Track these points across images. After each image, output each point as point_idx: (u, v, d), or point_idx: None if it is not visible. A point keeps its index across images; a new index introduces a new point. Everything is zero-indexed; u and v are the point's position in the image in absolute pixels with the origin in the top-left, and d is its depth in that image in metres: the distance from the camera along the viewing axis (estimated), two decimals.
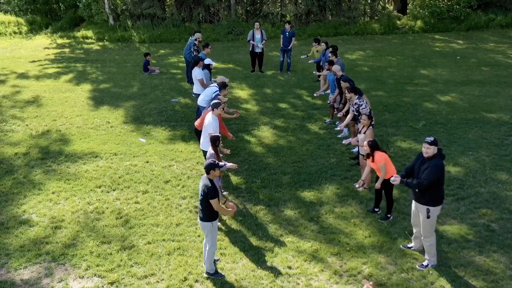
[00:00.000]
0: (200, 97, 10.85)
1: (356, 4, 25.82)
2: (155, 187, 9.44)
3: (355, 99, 9.95)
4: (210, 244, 6.85)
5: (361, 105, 9.85)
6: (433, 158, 6.77)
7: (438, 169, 6.70)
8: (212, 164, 6.69)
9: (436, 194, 6.85)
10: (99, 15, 25.83)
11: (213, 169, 6.67)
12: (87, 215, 8.52)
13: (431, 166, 6.69)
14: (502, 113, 12.94)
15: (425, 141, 6.77)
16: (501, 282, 6.77)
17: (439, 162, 6.75)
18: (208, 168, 6.67)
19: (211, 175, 6.68)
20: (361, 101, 9.89)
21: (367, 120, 8.88)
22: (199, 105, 10.87)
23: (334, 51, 13.18)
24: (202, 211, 6.73)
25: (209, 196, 6.55)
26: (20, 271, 7.12)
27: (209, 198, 6.56)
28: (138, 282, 6.87)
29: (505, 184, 9.34)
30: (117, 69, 18.40)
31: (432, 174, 6.67)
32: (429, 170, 6.68)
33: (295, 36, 17.56)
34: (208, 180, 6.65)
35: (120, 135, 11.94)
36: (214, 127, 8.78)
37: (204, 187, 6.61)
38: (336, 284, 6.80)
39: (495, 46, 20.91)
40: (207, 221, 6.73)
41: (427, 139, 6.77)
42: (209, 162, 6.72)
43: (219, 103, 9.11)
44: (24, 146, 11.27)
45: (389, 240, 7.75)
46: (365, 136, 8.77)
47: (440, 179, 6.79)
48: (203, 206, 6.69)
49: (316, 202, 8.89)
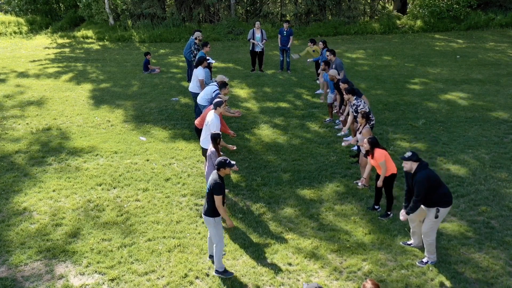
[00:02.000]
0: (200, 95, 10.86)
1: (356, 3, 25.86)
2: (156, 185, 9.46)
3: (353, 100, 9.98)
4: (216, 241, 6.83)
5: (359, 105, 9.88)
6: (416, 172, 6.81)
7: (423, 182, 6.72)
8: (223, 162, 6.68)
9: (442, 196, 6.83)
10: (99, 15, 25.86)
11: (224, 167, 6.68)
12: (87, 212, 8.54)
13: (417, 182, 6.76)
14: (501, 112, 12.97)
15: (401, 157, 6.91)
16: (500, 278, 6.79)
17: (422, 175, 6.75)
18: (218, 165, 6.69)
19: (221, 172, 6.70)
20: (358, 102, 9.92)
21: (362, 119, 8.91)
22: (198, 104, 10.89)
23: (332, 50, 13.19)
24: (207, 204, 6.75)
25: (215, 191, 6.57)
26: (21, 267, 7.14)
27: (214, 194, 6.58)
28: (138, 279, 6.89)
29: (504, 181, 9.36)
30: (117, 69, 18.43)
31: (419, 190, 6.74)
32: (416, 187, 6.76)
33: (293, 35, 17.59)
34: (218, 176, 6.67)
35: (120, 133, 11.96)
36: (216, 125, 8.80)
37: (212, 181, 6.63)
38: (336, 281, 6.82)
39: (495, 45, 20.94)
40: (210, 216, 6.75)
41: (404, 155, 6.88)
42: (220, 160, 6.70)
43: (221, 102, 9.14)
44: (25, 144, 11.30)
45: (389, 237, 7.77)
46: (362, 135, 8.80)
47: (433, 185, 6.77)
48: (209, 200, 6.71)
49: (316, 200, 8.91)
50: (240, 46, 22.32)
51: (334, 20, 24.97)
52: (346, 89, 10.11)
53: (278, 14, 26.77)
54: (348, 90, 10.03)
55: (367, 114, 8.90)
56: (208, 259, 7.27)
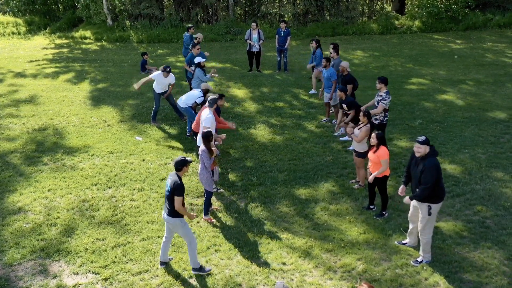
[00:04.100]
0: (182, 98, 11.05)
1: (354, 4, 25.85)
2: (151, 185, 9.44)
3: (383, 92, 10.00)
4: (188, 241, 6.82)
5: (385, 99, 9.90)
6: (426, 158, 6.77)
7: (433, 168, 6.69)
8: (184, 160, 6.69)
9: (437, 191, 6.83)
10: (97, 16, 25.86)
11: (185, 165, 6.69)
12: (82, 212, 8.53)
13: (427, 168, 6.69)
14: (498, 112, 12.96)
15: (417, 141, 6.82)
16: (495, 278, 6.78)
17: (433, 161, 6.74)
18: (179, 165, 6.67)
19: (181, 172, 6.69)
20: (387, 96, 9.92)
21: (364, 117, 8.88)
22: (178, 104, 11.17)
23: (336, 48, 13.09)
24: (169, 206, 6.69)
25: (177, 192, 6.54)
26: (15, 267, 7.13)
27: (176, 195, 6.55)
28: (132, 278, 6.88)
29: (500, 181, 9.35)
30: (115, 69, 18.42)
31: (429, 177, 6.68)
32: (427, 173, 6.68)
33: (291, 35, 17.57)
34: (177, 177, 6.65)
35: (116, 133, 11.95)
36: (210, 121, 8.85)
37: (173, 183, 6.59)
38: (330, 280, 6.81)
39: (493, 46, 20.93)
40: (176, 217, 6.71)
41: (419, 139, 6.80)
42: (180, 159, 6.71)
43: (216, 99, 9.16)
44: (21, 144, 11.28)
45: (384, 236, 7.76)
46: (360, 132, 8.78)
47: (438, 176, 6.78)
48: (171, 201, 6.66)
49: (311, 199, 8.89)
50: (238, 46, 22.31)
51: (332, 21, 24.96)
52: (380, 78, 10.05)
53: (277, 14, 26.76)
54: (382, 79, 9.99)
55: (369, 113, 8.88)
56: (160, 266, 7.09)
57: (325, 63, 12.11)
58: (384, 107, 9.95)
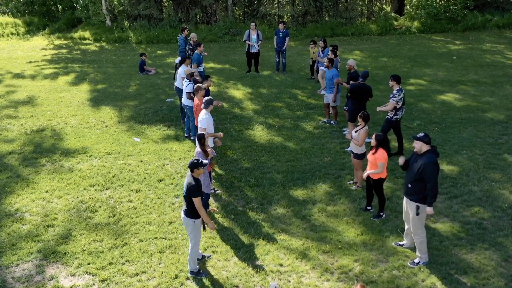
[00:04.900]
0: (182, 98, 11.31)
1: (353, 4, 25.85)
2: (149, 186, 9.44)
3: (395, 89, 9.99)
4: (192, 243, 6.83)
5: (396, 97, 9.94)
6: (425, 155, 6.79)
7: (432, 165, 6.72)
8: (196, 162, 6.69)
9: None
10: (96, 16, 25.85)
11: (197, 167, 6.68)
12: (79, 213, 8.52)
13: (426, 164, 6.70)
14: (497, 113, 12.96)
15: (413, 137, 6.93)
16: (492, 279, 6.78)
17: (432, 158, 6.76)
18: (192, 167, 6.68)
19: (195, 173, 6.69)
20: (398, 93, 9.96)
21: (361, 120, 8.89)
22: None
23: (334, 50, 13.16)
24: (186, 206, 6.73)
25: (192, 194, 6.55)
26: (12, 268, 7.12)
27: (192, 196, 6.56)
28: (129, 280, 6.87)
29: (498, 182, 9.34)
30: (114, 70, 18.41)
31: (430, 175, 6.70)
32: (427, 170, 6.70)
33: (289, 36, 17.58)
34: (192, 178, 6.65)
35: (114, 134, 11.94)
36: (206, 122, 8.85)
37: (188, 185, 6.61)
38: (327, 282, 6.80)
39: (492, 46, 20.94)
40: (190, 217, 6.72)
41: (417, 135, 6.90)
42: (193, 161, 6.71)
43: (211, 100, 9.18)
44: (19, 145, 11.28)
45: (381, 238, 7.76)
46: (358, 134, 8.78)
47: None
48: (187, 202, 6.69)
49: (309, 201, 8.89)
50: (237, 47, 22.31)
51: (331, 21, 24.97)
52: (393, 76, 10.05)
53: (276, 15, 26.75)
54: (394, 77, 10.01)
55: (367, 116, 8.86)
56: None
57: (328, 63, 12.12)
58: (394, 104, 10.00)
